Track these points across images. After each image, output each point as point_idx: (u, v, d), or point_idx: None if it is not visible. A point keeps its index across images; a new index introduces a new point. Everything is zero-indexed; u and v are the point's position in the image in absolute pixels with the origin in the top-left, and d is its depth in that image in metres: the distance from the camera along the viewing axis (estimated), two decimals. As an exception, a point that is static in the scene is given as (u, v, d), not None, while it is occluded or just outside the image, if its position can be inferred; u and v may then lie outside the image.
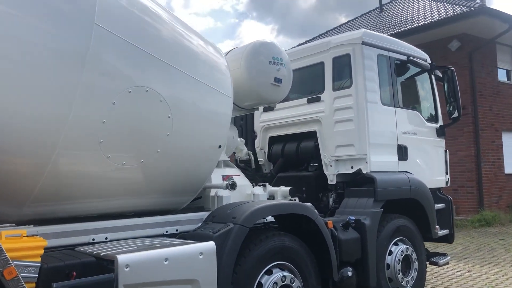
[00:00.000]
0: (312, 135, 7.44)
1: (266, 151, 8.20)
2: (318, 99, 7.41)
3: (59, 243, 4.32)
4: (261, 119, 8.31)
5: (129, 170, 4.64)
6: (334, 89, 7.21)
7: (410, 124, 7.52)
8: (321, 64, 7.42)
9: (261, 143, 8.26)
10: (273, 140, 8.16)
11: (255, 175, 8.24)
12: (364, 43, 7.01)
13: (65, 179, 4.27)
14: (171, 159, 4.97)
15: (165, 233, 5.17)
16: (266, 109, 8.24)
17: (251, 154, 7.11)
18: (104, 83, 4.18)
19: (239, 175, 6.52)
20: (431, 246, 8.82)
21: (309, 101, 7.55)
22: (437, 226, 7.40)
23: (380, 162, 6.95)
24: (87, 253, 4.11)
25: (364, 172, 6.82)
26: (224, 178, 5.87)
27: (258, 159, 8.30)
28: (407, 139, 7.40)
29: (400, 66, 7.55)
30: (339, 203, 6.93)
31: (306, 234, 5.56)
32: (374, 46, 7.13)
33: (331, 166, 7.15)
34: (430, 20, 16.79)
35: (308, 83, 7.82)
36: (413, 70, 7.91)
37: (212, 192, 5.96)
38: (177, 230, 5.22)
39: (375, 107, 6.98)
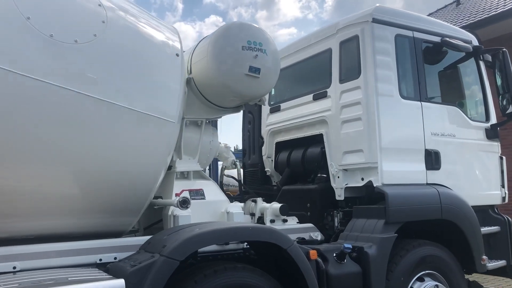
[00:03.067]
0: (320, 140, 6.04)
1: (273, 159, 6.89)
2: (324, 95, 6.01)
3: None
4: (268, 121, 7.04)
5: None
6: (341, 81, 5.77)
7: (445, 122, 5.85)
8: (329, 51, 6.02)
9: (268, 150, 6.98)
10: (280, 146, 6.85)
11: (259, 188, 7.03)
12: (375, 21, 5.51)
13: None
14: (96, 169, 4.00)
15: (98, 261, 4.17)
16: (272, 110, 6.96)
17: (238, 162, 5.86)
18: None
19: (215, 188, 5.33)
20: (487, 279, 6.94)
21: (315, 98, 6.16)
22: (484, 257, 5.62)
23: (397, 172, 5.38)
24: None
25: (375, 185, 5.29)
26: (178, 194, 4.71)
27: (266, 169, 7.03)
28: (440, 142, 5.73)
29: (432, 50, 5.91)
30: (346, 224, 5.46)
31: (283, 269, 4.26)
32: (390, 25, 5.60)
33: (338, 177, 5.70)
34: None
35: (315, 76, 6.44)
36: (453, 55, 6.21)
37: (170, 210, 4.84)
38: (115, 258, 4.21)
39: (390, 102, 5.44)
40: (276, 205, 5.54)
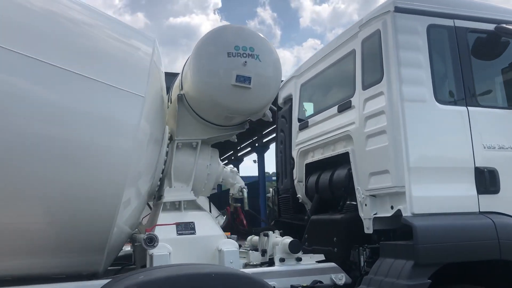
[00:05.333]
0: (347, 159, 5.01)
1: (304, 184, 5.94)
2: (348, 105, 4.99)
3: None
4: (297, 140, 6.11)
5: None
6: (364, 87, 4.74)
7: (504, 132, 4.52)
8: (353, 53, 5.02)
9: (298, 173, 6.04)
10: (309, 169, 5.89)
11: (292, 217, 6.12)
12: (398, 10, 4.43)
13: None
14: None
15: None
16: (301, 127, 6.04)
17: (245, 189, 5.02)
18: None
19: (209, 221, 4.56)
20: None
21: (340, 110, 5.16)
22: None
23: (434, 198, 4.19)
24: None
25: (403, 214, 4.15)
26: (148, 229, 4.02)
27: (297, 195, 6.09)
28: (498, 157, 4.42)
29: (483, 41, 4.65)
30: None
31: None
32: (419, 13, 4.48)
33: (366, 205, 4.61)
34: None
35: (340, 84, 5.44)
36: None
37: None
38: None
39: (421, 108, 4.30)
40: (287, 240, 4.61)
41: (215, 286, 3.33)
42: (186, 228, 4.40)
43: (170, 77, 5.31)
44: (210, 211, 5.57)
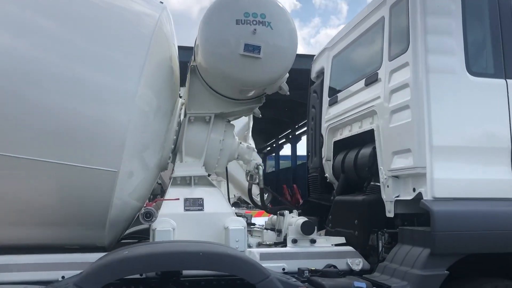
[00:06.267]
0: (373, 138, 4.63)
1: (331, 163, 5.62)
2: (375, 78, 4.59)
3: None
4: (326, 116, 5.77)
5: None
6: (390, 58, 4.32)
7: (550, 109, 3.96)
8: (381, 21, 4.59)
9: (326, 151, 5.72)
10: (337, 147, 5.54)
11: (319, 197, 5.84)
12: (428, -30, 3.95)
13: None
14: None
15: (60, 279, 3.66)
16: (331, 102, 5.68)
17: (261, 166, 4.77)
18: None
19: (219, 197, 4.39)
20: None
21: (367, 83, 4.76)
22: None
23: (460, 181, 3.75)
24: None
25: (424, 198, 3.76)
26: (149, 203, 3.91)
27: (325, 175, 5.78)
28: None
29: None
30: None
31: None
32: (453, -27, 3.97)
33: (388, 186, 4.25)
34: None
35: (368, 56, 5.01)
36: None
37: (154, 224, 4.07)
38: (63, 277, 3.73)
39: (449, 81, 3.85)
40: (301, 221, 4.36)
41: (202, 266, 3.16)
42: (194, 204, 4.25)
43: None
44: (228, 190, 5.41)
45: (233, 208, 7.60)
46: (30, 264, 3.79)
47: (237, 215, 4.58)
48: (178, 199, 4.15)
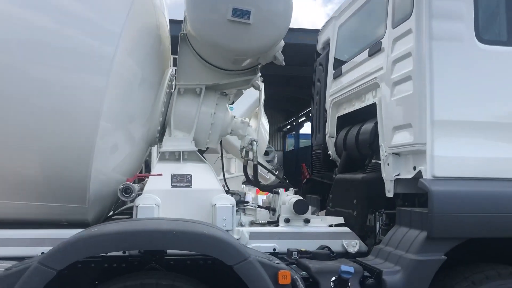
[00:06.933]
0: (376, 112, 4.33)
1: (334, 139, 5.33)
2: (378, 48, 4.26)
3: None
4: (331, 90, 5.45)
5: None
6: (394, 25, 3.97)
7: None
8: (387, -15, 4.23)
9: (330, 127, 5.42)
10: (341, 122, 5.24)
11: (322, 176, 5.59)
12: None
13: None
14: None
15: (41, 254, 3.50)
16: (335, 75, 5.36)
17: (255, 142, 4.51)
18: None
19: (209, 174, 4.17)
20: None
21: (370, 53, 4.43)
22: None
23: (464, 159, 3.44)
24: None
25: (424, 177, 3.46)
26: (130, 179, 3.71)
27: (328, 152, 5.50)
28: None
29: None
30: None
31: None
32: None
33: (388, 164, 3.96)
34: None
35: (372, 24, 4.66)
36: None
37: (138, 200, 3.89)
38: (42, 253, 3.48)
39: (456, 49, 3.50)
40: (294, 199, 4.11)
41: (174, 245, 2.96)
42: (182, 180, 4.04)
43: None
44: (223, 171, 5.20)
45: (244, 186, 7.38)
46: (8, 240, 3.68)
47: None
48: (161, 174, 3.94)
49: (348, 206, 4.44)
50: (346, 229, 4.14)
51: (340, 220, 4.44)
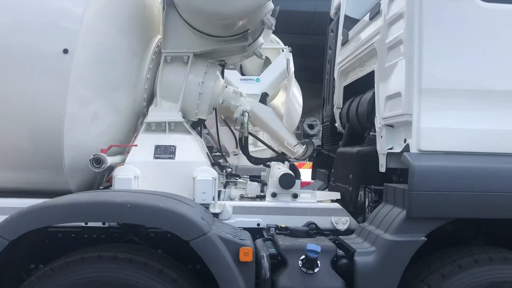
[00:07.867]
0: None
1: (340, 110, 5.05)
2: (377, 10, 3.90)
3: None
4: (339, 58, 5.13)
5: None
6: (390, -17, 3.61)
7: None
8: None
9: (337, 97, 5.13)
10: (347, 92, 4.94)
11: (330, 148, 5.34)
12: None
13: None
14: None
15: None
16: (343, 41, 5.03)
17: (246, 113, 4.30)
18: None
19: (194, 146, 4.03)
20: None
21: (371, 16, 4.08)
22: None
23: (457, 131, 3.10)
24: None
25: (411, 151, 3.15)
26: (104, 150, 3.62)
27: (336, 123, 5.22)
28: None
29: None
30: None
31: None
32: None
33: (381, 137, 3.66)
34: None
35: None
36: None
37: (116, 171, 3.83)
38: None
39: (451, 8, 3.12)
40: (282, 173, 3.91)
41: (129, 218, 2.86)
42: (165, 151, 3.92)
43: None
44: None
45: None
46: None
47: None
48: (136, 145, 3.84)
49: (345, 181, 4.19)
50: (336, 205, 3.91)
51: (337, 195, 4.21)
